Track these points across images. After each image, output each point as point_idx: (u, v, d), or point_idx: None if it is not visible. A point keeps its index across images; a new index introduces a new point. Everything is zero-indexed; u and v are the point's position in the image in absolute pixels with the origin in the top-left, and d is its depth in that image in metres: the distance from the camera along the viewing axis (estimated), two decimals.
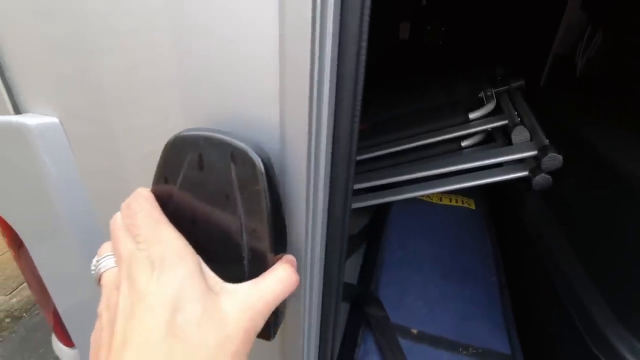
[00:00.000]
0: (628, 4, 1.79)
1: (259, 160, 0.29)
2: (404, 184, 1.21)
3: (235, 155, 0.29)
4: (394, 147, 1.28)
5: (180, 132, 0.31)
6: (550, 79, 2.13)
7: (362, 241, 1.22)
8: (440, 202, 1.29)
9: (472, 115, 1.24)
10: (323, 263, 0.41)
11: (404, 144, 1.27)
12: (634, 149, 0.85)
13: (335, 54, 0.30)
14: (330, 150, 0.35)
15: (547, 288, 0.81)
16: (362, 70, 0.32)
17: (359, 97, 0.32)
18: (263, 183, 0.29)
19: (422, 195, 1.24)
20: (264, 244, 0.30)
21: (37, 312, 2.03)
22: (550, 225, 0.88)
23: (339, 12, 0.28)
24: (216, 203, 0.31)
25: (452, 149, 1.28)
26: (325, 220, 0.39)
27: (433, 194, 1.22)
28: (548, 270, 0.81)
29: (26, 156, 0.39)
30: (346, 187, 0.37)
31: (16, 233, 0.49)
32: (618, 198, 0.74)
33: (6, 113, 0.40)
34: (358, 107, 0.32)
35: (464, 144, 1.27)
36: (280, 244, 0.32)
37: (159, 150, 0.32)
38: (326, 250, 0.40)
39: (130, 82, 0.35)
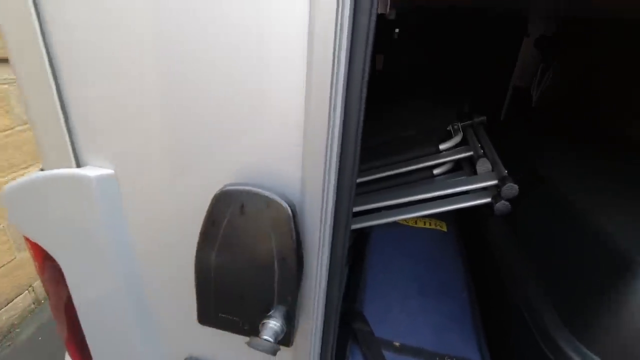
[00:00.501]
0: (573, 44, 2.06)
1: (288, 208, 0.40)
2: (383, 209, 1.34)
3: (270, 204, 0.40)
4: (374, 174, 1.42)
5: (224, 187, 0.42)
6: (510, 109, 2.36)
7: (346, 262, 1.33)
8: (416, 225, 1.42)
9: (442, 147, 1.40)
10: (326, 279, 0.52)
11: (383, 172, 1.41)
12: (578, 179, 1.02)
13: (341, 125, 0.42)
14: (335, 196, 0.46)
15: (508, 300, 0.94)
16: (360, 138, 0.44)
17: (357, 168, 0.44)
18: (291, 224, 0.40)
19: (400, 219, 1.37)
20: (292, 268, 0.41)
21: (8, 343, 2.00)
22: (510, 245, 1.03)
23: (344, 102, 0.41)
24: (254, 239, 0.41)
25: (426, 176, 1.43)
26: (329, 247, 0.50)
27: (409, 218, 1.35)
28: (508, 284, 0.95)
29: (85, 202, 0.49)
30: (345, 226, 0.49)
31: (54, 263, 0.57)
32: (563, 223, 0.90)
33: (69, 166, 0.49)
34: (356, 168, 0.44)
35: (435, 171, 1.42)
36: (300, 267, 0.43)
37: (201, 202, 0.42)
38: (329, 269, 0.51)
39: (175, 143, 0.46)
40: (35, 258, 0.63)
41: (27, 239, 0.60)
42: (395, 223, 1.39)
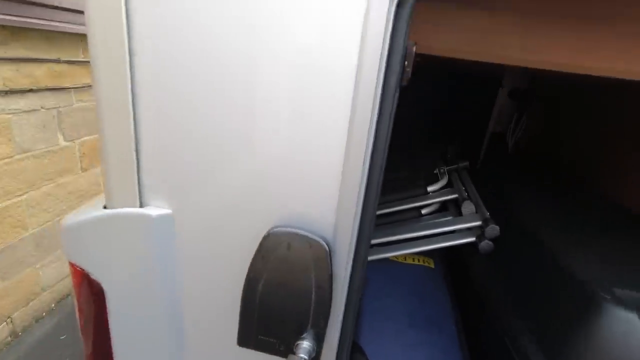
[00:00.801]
0: (546, 96, 2.31)
1: (327, 247, 0.51)
2: (375, 246, 1.45)
3: (312, 244, 0.51)
4: None
5: (272, 228, 0.53)
6: (488, 154, 2.58)
7: None
8: (405, 262, 1.53)
9: (430, 189, 1.55)
10: (344, 306, 0.62)
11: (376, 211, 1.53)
12: (550, 221, 1.17)
13: (367, 181, 0.54)
14: (356, 240, 0.57)
15: (491, 330, 1.05)
16: (379, 193, 0.56)
17: (375, 215, 0.55)
18: (328, 260, 0.51)
19: (391, 256, 1.48)
20: (326, 296, 0.51)
21: None
22: (492, 280, 1.15)
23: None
24: (297, 272, 0.51)
25: (415, 215, 1.56)
26: (349, 279, 0.60)
27: (399, 255, 1.46)
28: (491, 316, 1.06)
29: (144, 239, 0.58)
30: (363, 262, 0.59)
31: (92, 285, 0.65)
32: (538, 260, 1.03)
33: (134, 205, 0.58)
34: (375, 216, 0.55)
35: (424, 211, 1.56)
36: (331, 295, 0.53)
37: (249, 241, 0.53)
38: (348, 297, 0.61)
39: (229, 189, 0.56)
40: (74, 277, 0.70)
41: (71, 264, 0.67)
42: (386, 259, 1.50)
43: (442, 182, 1.57)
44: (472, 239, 1.28)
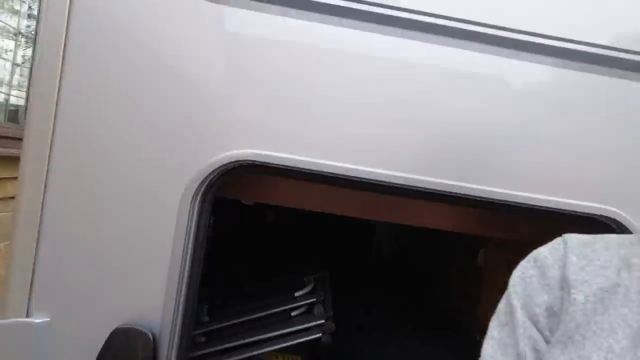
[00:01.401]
0: None
1: (152, 336, 0.86)
2: (249, 345, 1.74)
3: (143, 334, 0.86)
4: (245, 316, 1.87)
5: (119, 325, 0.87)
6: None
7: None
8: None
9: (297, 294, 1.95)
10: None
11: (251, 314, 1.87)
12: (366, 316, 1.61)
13: (186, 296, 0.93)
14: (179, 331, 0.93)
15: None
16: (195, 306, 0.94)
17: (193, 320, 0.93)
18: (151, 345, 0.85)
19: (260, 354, 1.77)
20: None
21: None
22: None
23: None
24: (131, 353, 0.85)
25: (286, 317, 1.92)
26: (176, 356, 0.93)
27: (268, 352, 1.77)
28: None
29: (28, 343, 0.87)
30: (186, 350, 0.94)
31: None
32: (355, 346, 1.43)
33: (22, 316, 0.88)
34: (191, 319, 0.93)
35: (293, 314, 1.92)
36: None
37: (103, 334, 0.86)
38: None
39: (89, 303, 0.91)
40: None
41: None
42: (257, 357, 1.78)
43: (308, 288, 1.99)
44: (320, 335, 1.66)
